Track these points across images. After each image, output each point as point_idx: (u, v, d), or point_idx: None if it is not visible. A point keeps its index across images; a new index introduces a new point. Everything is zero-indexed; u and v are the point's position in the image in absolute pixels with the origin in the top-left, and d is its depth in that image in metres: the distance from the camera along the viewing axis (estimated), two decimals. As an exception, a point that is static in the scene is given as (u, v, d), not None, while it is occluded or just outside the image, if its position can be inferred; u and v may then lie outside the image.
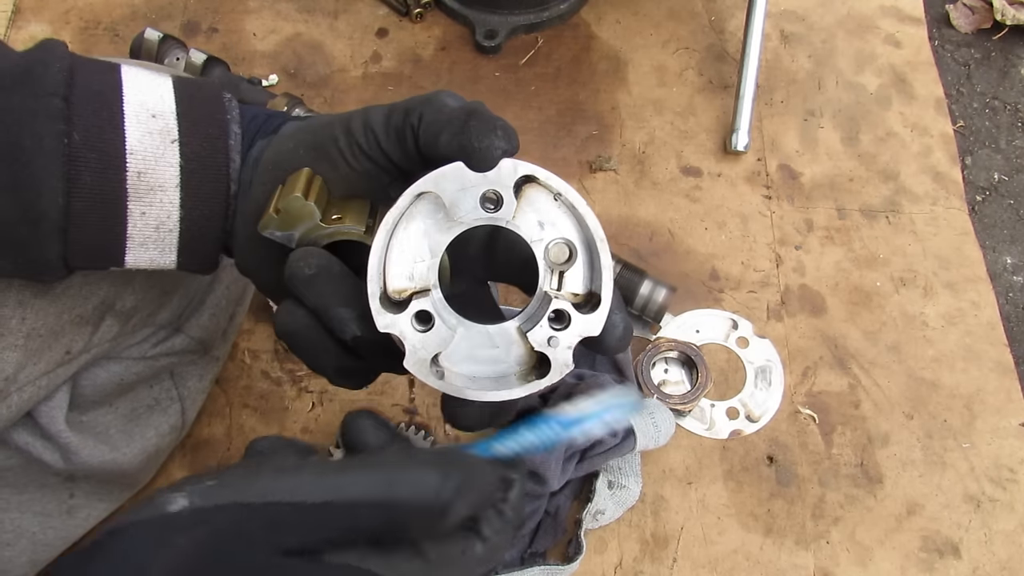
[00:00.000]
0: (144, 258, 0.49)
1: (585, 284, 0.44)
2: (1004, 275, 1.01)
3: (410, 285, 0.43)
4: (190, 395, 0.78)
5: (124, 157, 0.46)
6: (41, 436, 0.66)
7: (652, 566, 0.81)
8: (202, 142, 0.48)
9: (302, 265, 0.44)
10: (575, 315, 0.43)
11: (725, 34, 1.13)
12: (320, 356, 0.46)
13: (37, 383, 0.60)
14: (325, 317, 0.44)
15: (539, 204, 0.43)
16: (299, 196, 0.45)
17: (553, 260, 0.44)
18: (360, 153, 0.46)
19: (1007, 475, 0.85)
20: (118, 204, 0.47)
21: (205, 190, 0.48)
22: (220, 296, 0.73)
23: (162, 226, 0.48)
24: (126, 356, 0.68)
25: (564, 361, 0.43)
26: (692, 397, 0.87)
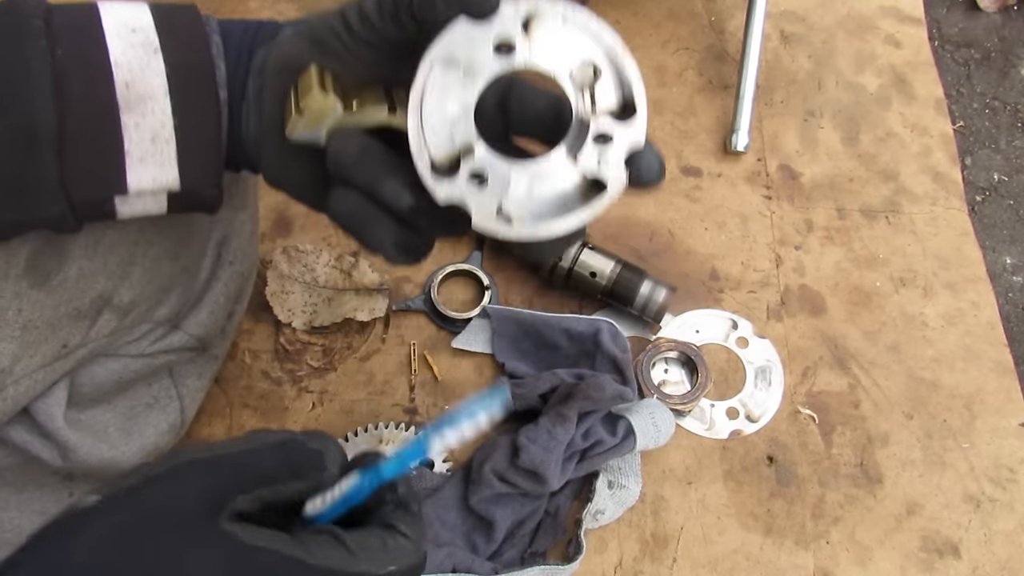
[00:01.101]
0: (146, 177, 0.49)
1: (617, 95, 0.45)
2: (1004, 275, 1.01)
3: (452, 148, 0.44)
4: (189, 393, 0.78)
5: (110, 69, 0.46)
6: (39, 434, 0.66)
7: (652, 566, 0.81)
8: (184, 51, 0.48)
9: (345, 148, 0.46)
10: (617, 130, 0.44)
11: (725, 34, 1.13)
12: (378, 231, 0.47)
13: (33, 376, 0.60)
14: (378, 193, 0.46)
15: (550, 34, 0.44)
16: (318, 91, 0.45)
17: (580, 82, 0.45)
18: (362, 42, 0.46)
19: (1007, 475, 0.85)
20: (110, 116, 0.46)
21: (194, 96, 0.48)
22: (218, 293, 0.73)
23: (158, 137, 0.48)
24: (124, 353, 0.68)
25: (618, 177, 0.45)
26: (692, 397, 0.87)
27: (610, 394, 0.78)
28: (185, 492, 0.37)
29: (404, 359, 0.91)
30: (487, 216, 0.44)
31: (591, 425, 0.78)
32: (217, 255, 0.72)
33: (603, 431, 0.79)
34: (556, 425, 0.76)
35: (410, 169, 0.45)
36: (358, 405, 0.88)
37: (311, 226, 0.98)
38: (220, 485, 0.37)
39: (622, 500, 0.81)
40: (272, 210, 0.99)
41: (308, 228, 0.98)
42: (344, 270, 0.94)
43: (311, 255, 0.94)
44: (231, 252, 0.73)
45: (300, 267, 0.94)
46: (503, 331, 0.89)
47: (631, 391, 0.81)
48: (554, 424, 0.76)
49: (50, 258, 0.57)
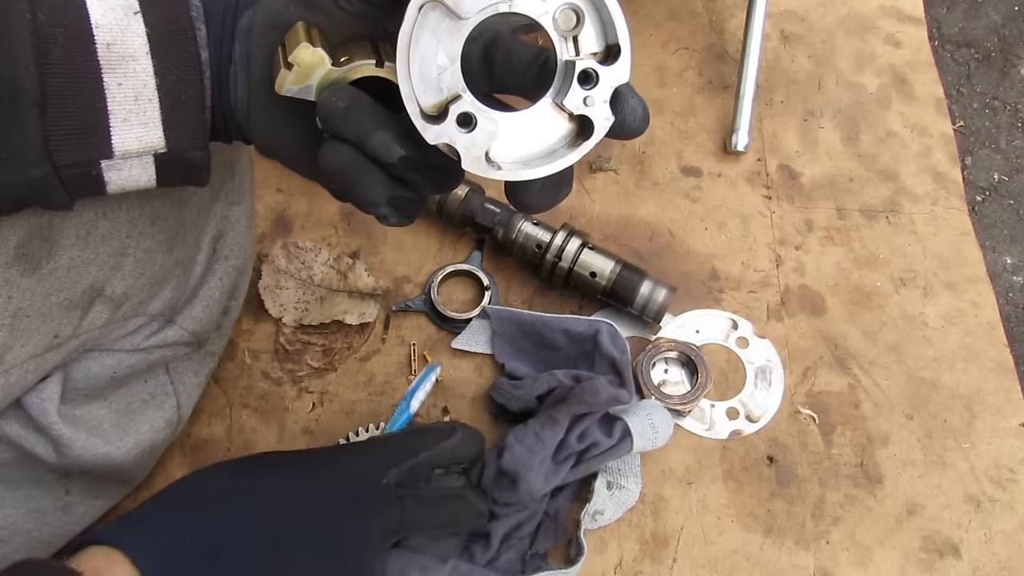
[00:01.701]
0: (131, 138, 0.49)
1: (600, 40, 0.46)
2: (1004, 275, 1.01)
3: (440, 96, 0.45)
4: (186, 390, 0.78)
5: (91, 30, 0.46)
6: (34, 429, 0.65)
7: (652, 566, 0.81)
8: (164, 11, 0.48)
9: (335, 100, 0.46)
10: (601, 69, 0.45)
11: (725, 34, 1.13)
12: (371, 188, 0.48)
13: (24, 367, 0.60)
14: (368, 145, 0.46)
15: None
16: (307, 45, 0.46)
17: (563, 27, 0.46)
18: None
19: (1007, 475, 0.85)
20: (93, 76, 0.47)
21: (175, 56, 0.49)
22: (213, 288, 0.73)
23: (140, 96, 0.48)
24: (119, 348, 0.68)
25: (604, 115, 0.46)
26: (692, 397, 0.87)
27: (605, 397, 0.78)
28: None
29: (404, 359, 0.91)
30: (476, 160, 0.45)
31: (587, 427, 0.78)
32: (212, 249, 0.72)
33: (599, 433, 0.78)
34: (544, 427, 0.76)
35: (399, 122, 0.46)
36: (358, 405, 0.88)
37: (311, 226, 0.98)
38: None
39: (621, 501, 0.81)
40: (272, 210, 0.99)
41: (308, 228, 0.98)
42: (341, 271, 0.94)
43: (310, 252, 0.94)
44: (226, 247, 0.73)
45: (297, 263, 0.94)
46: (503, 331, 0.89)
47: (627, 393, 0.81)
48: (543, 426, 0.76)
49: (40, 246, 0.56)
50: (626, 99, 0.46)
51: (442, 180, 0.49)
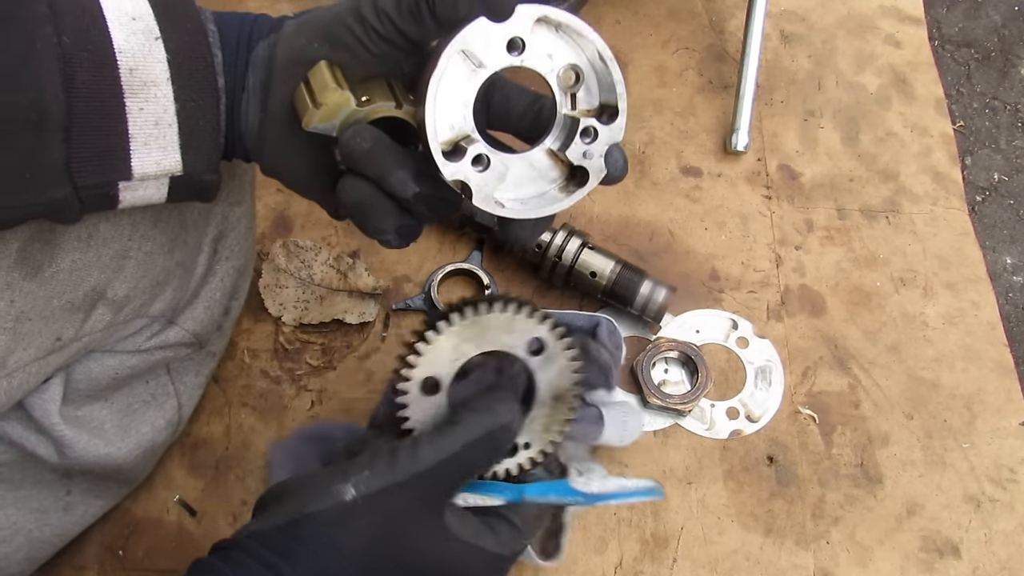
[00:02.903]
0: (150, 161, 0.50)
1: (595, 99, 0.52)
2: (1004, 275, 1.01)
3: (451, 135, 0.50)
4: (186, 391, 0.78)
5: (114, 55, 0.47)
6: (35, 430, 0.65)
7: (652, 566, 0.81)
8: (183, 38, 0.50)
9: (359, 141, 0.50)
10: (600, 128, 0.52)
11: (725, 34, 1.13)
12: (383, 219, 0.53)
13: (27, 369, 0.60)
14: (386, 182, 0.51)
15: (545, 39, 0.50)
16: (335, 88, 0.50)
17: (564, 84, 0.51)
18: (377, 37, 0.50)
19: (1007, 475, 0.85)
20: (116, 101, 0.48)
21: (195, 83, 0.50)
22: (215, 289, 0.73)
23: (160, 121, 0.49)
24: (120, 349, 0.68)
25: (598, 167, 0.52)
26: (692, 397, 0.87)
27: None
28: (416, 496, 0.49)
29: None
30: (486, 198, 0.50)
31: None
32: (213, 250, 0.72)
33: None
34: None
35: (414, 160, 0.51)
36: (357, 404, 0.88)
37: (311, 225, 0.98)
38: (440, 486, 0.50)
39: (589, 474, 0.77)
40: (272, 209, 0.99)
41: (308, 227, 0.98)
42: (341, 271, 0.93)
43: (310, 252, 0.94)
44: (227, 247, 0.73)
45: (297, 262, 0.93)
46: None
47: (607, 391, 0.80)
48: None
49: (42, 249, 0.57)
50: (611, 152, 0.52)
51: (445, 211, 0.53)
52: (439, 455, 0.49)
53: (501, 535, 0.52)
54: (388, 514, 0.48)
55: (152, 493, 0.83)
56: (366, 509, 0.47)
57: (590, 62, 0.51)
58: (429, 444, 0.50)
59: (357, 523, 0.47)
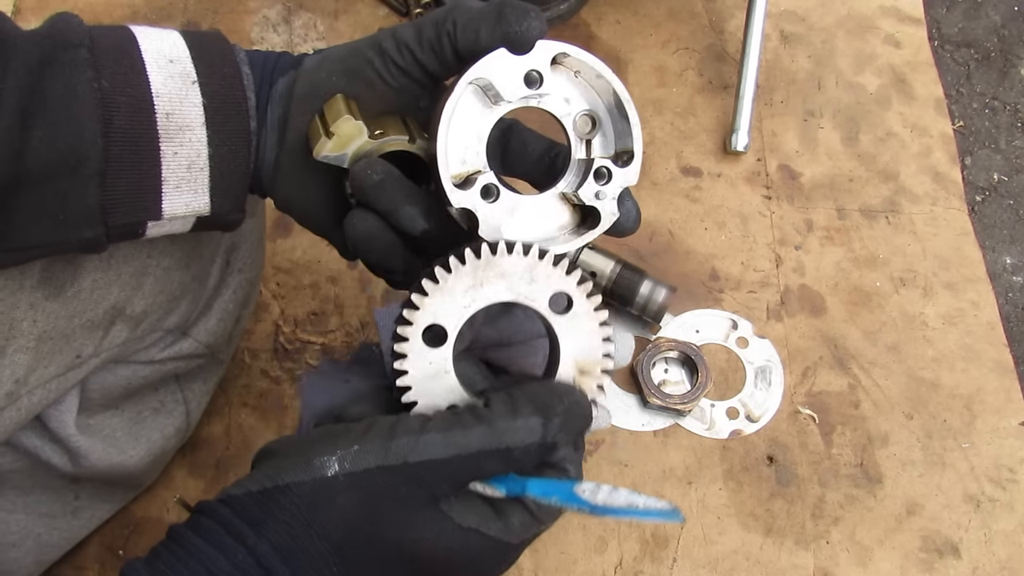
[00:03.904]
0: (180, 203, 0.51)
1: (610, 146, 0.51)
2: (1004, 275, 1.01)
3: (463, 169, 0.49)
4: (195, 398, 0.78)
5: (151, 100, 0.48)
6: (50, 439, 0.66)
7: (652, 566, 0.81)
8: (220, 82, 0.50)
9: (369, 173, 0.49)
10: (615, 170, 0.51)
11: (725, 34, 1.13)
12: (391, 257, 0.52)
13: (47, 386, 0.60)
14: (395, 217, 0.50)
15: (563, 83, 0.50)
16: (349, 117, 0.49)
17: (579, 131, 0.51)
18: (396, 70, 0.50)
19: (1007, 475, 0.85)
20: (152, 145, 0.48)
21: (229, 127, 0.51)
22: (227, 300, 0.73)
23: (193, 165, 0.50)
24: (134, 360, 0.69)
25: (611, 210, 0.51)
26: (692, 397, 0.87)
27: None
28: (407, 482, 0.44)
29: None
30: (492, 229, 0.49)
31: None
32: (226, 262, 0.72)
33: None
34: None
35: (425, 197, 0.50)
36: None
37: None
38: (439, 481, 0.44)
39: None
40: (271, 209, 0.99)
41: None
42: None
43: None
44: (240, 259, 0.73)
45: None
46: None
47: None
48: None
49: (64, 269, 0.57)
50: (624, 200, 0.51)
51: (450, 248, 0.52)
52: (446, 451, 0.43)
53: (512, 521, 0.46)
54: (371, 496, 0.43)
55: (152, 493, 0.83)
56: (347, 486, 0.43)
57: (607, 108, 0.51)
58: (439, 434, 0.43)
59: (336, 500, 0.43)
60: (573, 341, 0.50)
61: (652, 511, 0.44)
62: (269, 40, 1.10)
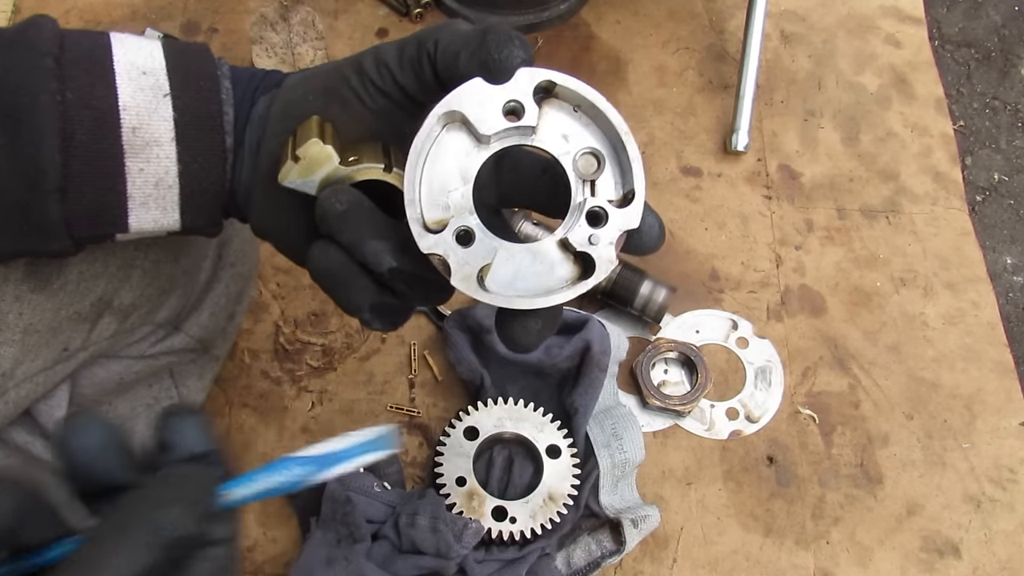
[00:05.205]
0: (147, 219, 0.49)
1: (618, 188, 0.45)
2: (1004, 275, 1.01)
3: (446, 215, 0.44)
4: (190, 394, 0.78)
5: (117, 113, 0.46)
6: (41, 435, 0.66)
7: (652, 566, 0.81)
8: (194, 95, 0.48)
9: (333, 201, 0.44)
10: (612, 211, 0.44)
11: (725, 34, 1.13)
12: (356, 293, 0.46)
13: (35, 380, 0.60)
14: (359, 252, 0.44)
15: (560, 118, 0.44)
16: (316, 140, 0.45)
17: (582, 171, 0.45)
18: (375, 90, 0.46)
19: (1007, 475, 0.85)
20: (115, 161, 0.47)
21: (201, 143, 0.48)
22: (219, 295, 0.73)
23: (161, 182, 0.48)
24: (125, 355, 0.68)
25: (608, 257, 0.44)
26: (692, 398, 0.87)
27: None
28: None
29: (404, 359, 0.90)
30: (466, 278, 0.43)
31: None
32: (218, 256, 0.72)
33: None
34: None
35: (396, 231, 0.45)
36: (357, 405, 0.88)
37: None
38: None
39: (647, 528, 0.80)
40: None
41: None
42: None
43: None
44: (232, 254, 0.73)
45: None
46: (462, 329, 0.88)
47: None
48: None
49: (49, 262, 0.57)
50: (646, 216, 0.45)
51: (431, 294, 0.47)
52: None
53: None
54: None
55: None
56: None
57: (611, 145, 0.45)
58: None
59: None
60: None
61: (365, 444, 0.37)
62: (268, 39, 1.10)
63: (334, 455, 0.38)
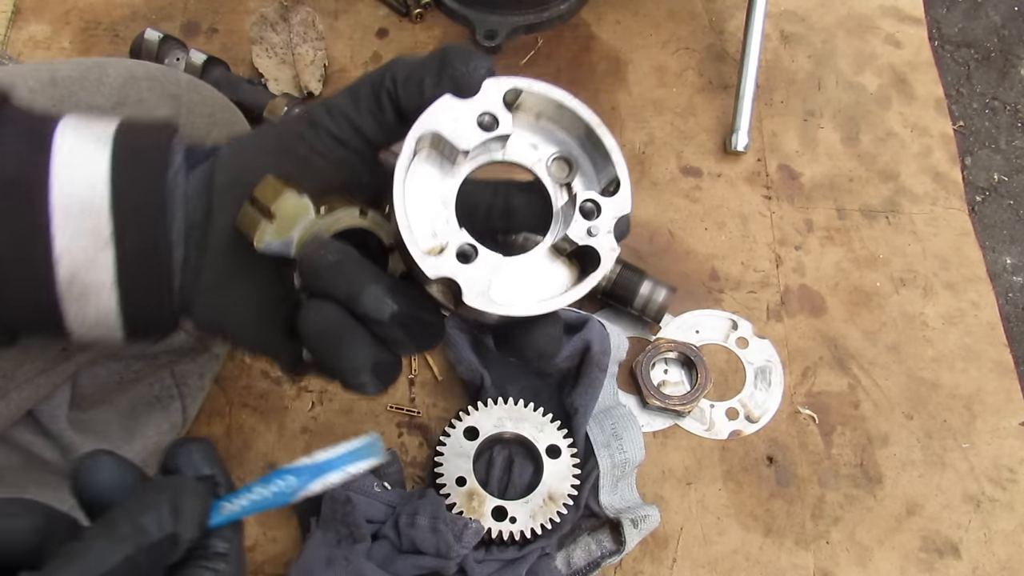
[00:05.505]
0: (90, 338, 0.47)
1: (593, 183, 0.45)
2: (1004, 275, 1.01)
3: (435, 242, 0.43)
4: (190, 392, 0.78)
5: (52, 265, 0.43)
6: (43, 435, 0.66)
7: (652, 566, 0.81)
8: (139, 234, 0.44)
9: (323, 254, 0.42)
10: (603, 201, 0.44)
11: (725, 34, 1.13)
12: (356, 351, 0.43)
13: (36, 381, 0.60)
14: (358, 302, 0.42)
15: (525, 128, 0.45)
16: (292, 193, 0.42)
17: (556, 177, 0.45)
18: (332, 141, 0.44)
19: (1007, 475, 0.85)
20: (52, 309, 0.44)
21: (145, 286, 0.45)
22: None
23: (102, 322, 0.46)
24: (126, 354, 0.68)
25: (610, 246, 0.44)
26: (692, 398, 0.87)
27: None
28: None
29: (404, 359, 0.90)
30: (479, 294, 0.42)
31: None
32: None
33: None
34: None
35: (387, 276, 0.43)
36: (357, 405, 0.88)
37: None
38: None
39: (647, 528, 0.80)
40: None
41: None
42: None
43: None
44: None
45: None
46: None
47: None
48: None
49: None
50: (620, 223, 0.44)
51: (426, 338, 0.45)
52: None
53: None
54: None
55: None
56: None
57: (580, 142, 0.45)
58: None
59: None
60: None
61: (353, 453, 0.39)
62: (268, 39, 1.10)
63: (323, 465, 0.39)
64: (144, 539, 0.35)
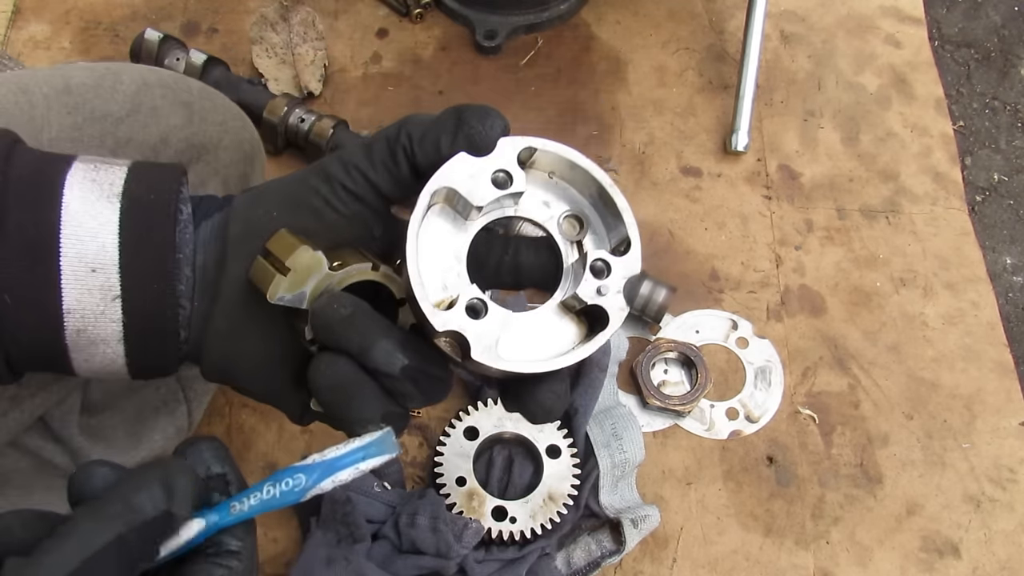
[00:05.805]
0: (97, 376, 0.48)
1: (604, 242, 0.46)
2: (1004, 275, 1.01)
3: (445, 295, 0.44)
4: (196, 397, 0.78)
5: (61, 317, 0.44)
6: (53, 440, 0.66)
7: (652, 566, 0.81)
8: (148, 291, 0.45)
9: (337, 307, 0.42)
10: (614, 260, 0.45)
11: (725, 34, 1.13)
12: (367, 404, 0.44)
13: (48, 389, 0.61)
14: (370, 356, 0.43)
15: (538, 186, 0.46)
16: (306, 248, 0.43)
17: (567, 234, 0.46)
18: (347, 195, 0.45)
19: (1007, 475, 0.85)
20: (59, 357, 0.45)
21: (152, 341, 0.46)
22: None
23: (108, 367, 0.46)
24: None
25: (619, 305, 0.44)
26: (692, 398, 0.87)
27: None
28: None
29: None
30: (486, 349, 0.43)
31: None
32: None
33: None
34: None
35: (398, 330, 0.44)
36: (358, 405, 0.88)
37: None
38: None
39: (647, 528, 0.80)
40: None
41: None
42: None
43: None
44: None
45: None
46: None
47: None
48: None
49: None
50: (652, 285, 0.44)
51: (435, 391, 0.45)
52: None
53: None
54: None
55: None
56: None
57: (592, 201, 0.46)
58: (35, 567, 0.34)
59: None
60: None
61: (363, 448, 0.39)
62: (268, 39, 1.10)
63: (334, 461, 0.39)
64: (137, 517, 0.35)
